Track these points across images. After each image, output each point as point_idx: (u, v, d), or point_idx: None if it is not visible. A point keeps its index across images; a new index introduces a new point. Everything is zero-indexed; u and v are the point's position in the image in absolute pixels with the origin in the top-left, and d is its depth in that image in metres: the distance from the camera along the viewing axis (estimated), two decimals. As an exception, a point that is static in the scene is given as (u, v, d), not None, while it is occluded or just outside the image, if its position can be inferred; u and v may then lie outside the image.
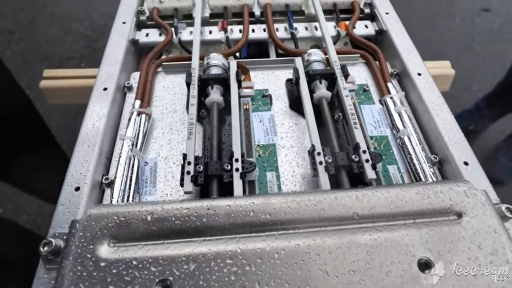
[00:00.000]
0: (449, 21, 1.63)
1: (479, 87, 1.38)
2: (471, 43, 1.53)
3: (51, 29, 1.54)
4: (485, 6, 1.69)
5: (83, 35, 1.54)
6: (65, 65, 1.42)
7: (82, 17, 1.61)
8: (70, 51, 1.48)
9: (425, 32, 1.56)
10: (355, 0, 0.45)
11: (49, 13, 1.62)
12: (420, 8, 1.65)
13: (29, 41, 1.50)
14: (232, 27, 0.43)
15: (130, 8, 0.43)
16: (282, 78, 0.38)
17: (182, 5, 0.43)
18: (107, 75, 0.36)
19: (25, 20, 1.58)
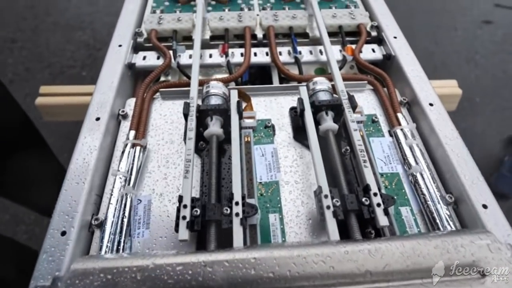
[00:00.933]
0: (451, 33, 1.62)
1: (482, 99, 1.36)
2: (473, 55, 1.51)
3: (54, 37, 1.54)
4: (486, 18, 1.68)
5: (85, 44, 1.53)
6: (66, 73, 1.41)
7: (84, 26, 1.60)
8: (71, 59, 1.47)
9: (427, 43, 1.55)
10: (361, 23, 0.43)
11: (52, 22, 1.61)
12: (422, 20, 1.64)
13: (31, 50, 1.49)
14: (233, 50, 0.41)
15: (127, 30, 0.41)
16: (285, 106, 0.36)
17: (182, 27, 0.41)
18: (100, 103, 0.33)
19: (28, 29, 1.58)
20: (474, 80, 1.43)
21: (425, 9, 1.69)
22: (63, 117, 0.63)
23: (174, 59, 0.39)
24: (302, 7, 0.46)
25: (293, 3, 0.47)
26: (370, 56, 0.41)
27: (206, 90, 0.33)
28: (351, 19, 0.43)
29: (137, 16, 0.44)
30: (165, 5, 0.46)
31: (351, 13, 0.43)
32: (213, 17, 0.42)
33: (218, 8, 0.46)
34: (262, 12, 0.43)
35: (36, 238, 0.97)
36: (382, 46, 0.42)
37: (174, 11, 0.45)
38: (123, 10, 0.44)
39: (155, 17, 0.42)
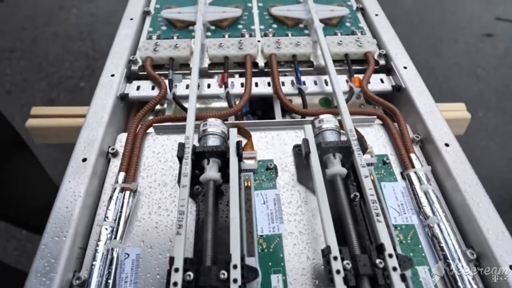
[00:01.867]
0: (452, 46, 1.61)
1: (484, 113, 1.34)
2: (475, 68, 1.50)
3: (53, 48, 1.52)
4: (487, 31, 1.67)
5: (84, 55, 1.51)
6: (64, 84, 1.39)
7: (84, 36, 1.59)
8: (70, 70, 1.45)
9: (428, 56, 1.53)
10: (368, 51, 0.40)
11: (51, 32, 1.60)
12: (423, 33, 1.63)
13: (29, 60, 1.47)
14: (233, 80, 0.38)
15: (120, 58, 0.38)
16: (288, 143, 0.33)
17: (179, 55, 0.39)
18: (88, 141, 0.31)
19: (27, 39, 1.56)
20: (476, 93, 1.41)
21: (425, 22, 1.69)
22: (55, 139, 0.60)
23: (170, 89, 0.36)
24: (306, 33, 0.44)
25: (296, 29, 0.44)
26: (379, 87, 0.38)
27: (203, 128, 0.30)
28: (358, 47, 0.40)
29: (132, 42, 0.41)
30: (162, 29, 0.44)
31: (358, 40, 0.41)
32: (212, 44, 0.40)
33: (218, 33, 0.44)
34: (264, 39, 0.41)
35: (27, 255, 0.94)
36: (391, 76, 0.40)
37: (171, 36, 0.42)
38: (118, 36, 0.41)
39: (151, 43, 0.40)
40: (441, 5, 1.81)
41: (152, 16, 0.46)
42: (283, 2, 0.48)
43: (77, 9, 1.75)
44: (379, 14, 0.45)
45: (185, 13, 0.43)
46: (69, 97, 1.36)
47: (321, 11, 0.44)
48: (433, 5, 1.80)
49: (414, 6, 1.79)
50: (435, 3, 1.81)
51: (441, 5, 1.81)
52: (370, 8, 0.46)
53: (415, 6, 1.79)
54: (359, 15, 0.47)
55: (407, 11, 1.75)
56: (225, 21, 0.44)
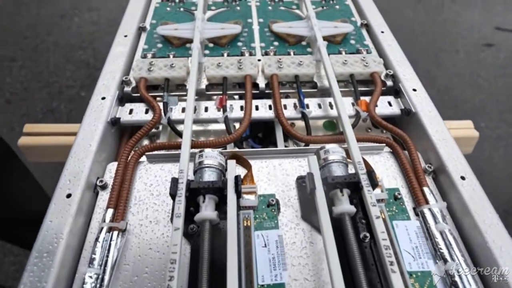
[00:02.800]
0: (453, 56, 1.59)
1: (487, 124, 1.32)
2: (476, 79, 1.48)
3: (54, 57, 1.51)
4: (488, 41, 1.66)
5: (85, 64, 1.50)
6: (65, 93, 1.37)
7: (85, 45, 1.57)
8: (71, 79, 1.43)
9: (429, 66, 1.52)
10: (375, 72, 0.38)
11: (53, 41, 1.59)
12: (424, 43, 1.62)
13: (30, 69, 1.46)
14: (232, 102, 0.36)
15: (112, 79, 0.36)
16: (292, 173, 0.31)
17: (175, 75, 0.36)
18: (73, 173, 0.28)
19: (28, 48, 1.55)
20: (478, 104, 1.39)
21: (426, 32, 1.67)
22: (48, 158, 0.58)
23: (164, 113, 0.34)
24: (308, 51, 0.41)
25: (298, 46, 0.42)
26: (387, 111, 0.36)
27: (199, 160, 0.28)
28: (364, 67, 0.38)
29: (125, 60, 0.38)
30: (158, 47, 0.41)
31: (364, 59, 0.38)
32: (210, 64, 0.37)
33: (216, 51, 0.41)
34: (264, 58, 0.39)
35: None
36: (399, 98, 0.37)
37: (167, 55, 0.40)
38: (110, 54, 0.39)
39: (146, 63, 0.37)
40: (441, 15, 1.80)
41: (147, 32, 0.43)
42: (284, 18, 0.46)
43: (78, 18, 1.74)
44: (385, 31, 0.43)
45: (182, 30, 0.41)
46: (70, 106, 1.34)
47: (325, 28, 0.41)
48: (433, 15, 1.79)
49: (415, 16, 1.78)
50: (436, 13, 1.80)
51: (441, 15, 1.80)
52: (375, 24, 0.44)
53: (415, 16, 1.78)
54: (364, 31, 0.44)
55: (408, 21, 1.74)
56: (224, 38, 0.41)
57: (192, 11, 0.46)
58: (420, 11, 1.83)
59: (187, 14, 0.46)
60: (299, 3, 0.49)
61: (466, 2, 1.90)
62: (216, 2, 0.48)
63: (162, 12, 0.46)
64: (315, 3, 0.48)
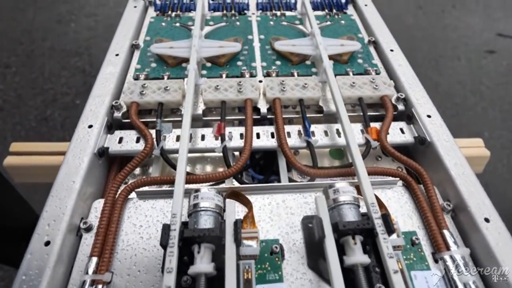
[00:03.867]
0: (454, 62, 1.57)
1: (490, 134, 1.30)
2: (478, 86, 1.46)
3: (49, 63, 1.48)
4: (489, 48, 1.64)
5: (81, 71, 1.47)
6: (60, 101, 1.34)
7: (81, 51, 1.55)
8: (65, 86, 1.41)
9: (431, 73, 1.50)
10: (385, 95, 0.35)
11: (48, 47, 1.56)
12: (425, 50, 1.60)
13: (24, 75, 1.43)
14: (232, 129, 0.33)
15: (101, 104, 0.33)
16: (297, 212, 0.28)
17: (169, 99, 0.33)
18: (54, 216, 0.25)
19: (23, 54, 1.52)
20: (481, 112, 1.37)
21: (427, 38, 1.66)
22: (36, 178, 0.55)
23: (157, 143, 0.31)
24: (313, 71, 0.39)
25: (302, 66, 0.39)
26: (399, 139, 0.33)
27: (194, 202, 0.25)
28: (373, 90, 0.35)
29: (116, 82, 0.36)
30: (152, 67, 0.38)
31: (373, 81, 0.36)
32: (208, 86, 0.34)
33: (215, 70, 0.38)
34: (266, 80, 0.36)
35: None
36: (412, 124, 0.34)
37: (161, 75, 0.37)
38: (100, 75, 0.36)
39: (138, 85, 0.34)
40: (442, 21, 1.79)
41: (141, 50, 0.40)
42: (287, 34, 0.43)
43: (75, 23, 1.72)
44: (394, 49, 0.40)
45: (178, 49, 0.38)
46: (64, 114, 1.32)
47: (330, 47, 0.39)
48: (434, 21, 1.78)
49: (415, 22, 1.77)
50: (436, 20, 1.79)
51: (442, 21, 1.79)
52: (384, 42, 0.42)
53: (416, 22, 1.77)
54: (372, 49, 0.42)
55: (408, 27, 1.72)
56: (222, 57, 0.39)
57: (189, 26, 0.44)
58: (420, 17, 1.82)
59: (183, 30, 0.44)
60: (302, 18, 0.46)
61: (467, 8, 1.89)
62: (215, 17, 0.46)
63: (157, 27, 0.44)
64: (319, 17, 0.46)
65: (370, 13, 0.45)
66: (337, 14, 0.46)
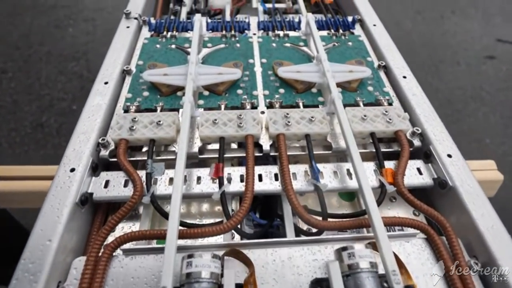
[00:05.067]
0: (454, 68, 1.54)
1: (492, 140, 1.27)
2: (479, 92, 1.43)
3: (46, 68, 1.44)
4: (489, 53, 1.62)
5: (78, 76, 1.43)
6: (56, 106, 1.30)
7: (78, 56, 1.51)
8: (62, 92, 1.37)
9: (431, 79, 1.47)
10: (400, 130, 0.31)
11: (46, 52, 1.52)
12: (424, 55, 1.57)
13: (21, 81, 1.39)
14: (231, 171, 0.29)
15: (86, 142, 0.29)
16: (304, 272, 0.24)
17: (162, 136, 0.30)
18: (24, 283, 0.22)
19: (20, 59, 1.48)
20: (481, 118, 1.34)
21: (426, 43, 1.63)
22: (23, 204, 0.51)
23: (147, 187, 0.27)
24: (320, 101, 0.35)
25: (308, 95, 0.35)
26: (416, 181, 0.29)
27: (187, 271, 0.21)
28: (387, 123, 0.31)
29: (103, 115, 0.31)
30: (144, 96, 0.34)
31: (386, 114, 0.32)
32: (205, 120, 0.31)
33: (213, 100, 0.34)
34: (269, 112, 0.32)
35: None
36: (430, 164, 0.31)
37: (154, 106, 0.33)
38: (86, 108, 0.32)
39: (127, 119, 0.30)
40: (441, 26, 1.76)
41: (133, 75, 0.37)
42: (291, 57, 0.39)
43: (73, 28, 1.67)
44: (407, 75, 0.37)
45: (172, 76, 0.34)
46: (60, 120, 1.28)
47: (338, 73, 0.35)
48: (433, 26, 1.74)
49: (414, 27, 1.73)
50: (435, 25, 1.76)
51: (441, 26, 1.76)
52: (395, 67, 0.38)
53: (415, 27, 1.73)
54: (382, 74, 0.38)
55: (407, 32, 1.69)
56: (221, 85, 0.35)
57: (186, 49, 0.40)
58: (419, 22, 1.79)
59: (179, 53, 0.40)
60: (306, 38, 0.42)
61: (466, 13, 1.86)
62: (213, 38, 0.42)
63: (150, 50, 0.40)
64: (325, 38, 0.42)
65: (379, 34, 0.42)
66: (344, 35, 0.43)
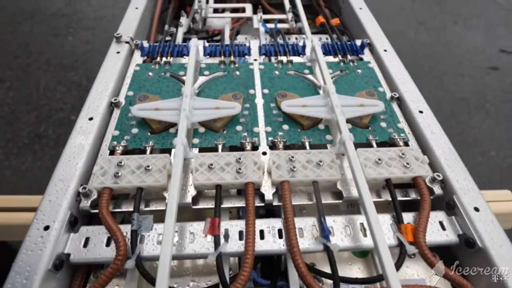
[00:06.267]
0: (458, 79, 1.51)
1: (497, 153, 1.23)
2: (483, 103, 1.40)
3: (44, 77, 1.41)
4: (493, 64, 1.59)
5: (77, 85, 1.40)
6: (54, 117, 1.28)
7: (78, 66, 1.48)
8: (61, 102, 1.34)
9: (434, 90, 1.44)
10: (419, 176, 0.28)
11: (45, 61, 1.50)
12: (427, 66, 1.55)
13: (19, 90, 1.36)
14: (228, 224, 0.26)
15: (63, 193, 0.25)
16: None
17: (150, 184, 0.26)
18: None
19: (19, 68, 1.46)
20: (486, 131, 1.31)
21: (429, 54, 1.60)
22: (5, 237, 0.48)
23: (132, 249, 0.24)
24: (328, 140, 0.31)
25: (314, 132, 0.31)
26: (439, 238, 0.25)
27: None
28: (404, 168, 0.28)
29: (86, 158, 0.28)
30: (132, 133, 0.30)
31: (403, 156, 0.28)
32: (200, 164, 0.27)
33: (209, 138, 0.31)
34: (272, 154, 0.28)
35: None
36: (453, 216, 0.27)
37: (143, 146, 0.30)
38: (66, 150, 0.28)
39: (112, 164, 0.27)
40: (444, 36, 1.74)
41: (121, 108, 0.33)
42: (295, 87, 0.35)
43: (72, 37, 1.65)
44: (424, 110, 0.33)
45: (164, 112, 0.31)
46: (58, 131, 1.25)
47: (348, 108, 0.31)
48: (435, 37, 1.72)
49: (417, 38, 1.71)
50: (438, 36, 1.73)
51: (444, 36, 1.74)
52: (410, 99, 0.34)
53: (417, 38, 1.71)
54: (395, 107, 0.35)
55: (410, 43, 1.67)
56: (219, 121, 0.31)
57: (180, 77, 0.36)
58: (422, 33, 1.76)
59: (173, 82, 0.36)
60: (311, 65, 0.39)
61: (469, 24, 1.84)
62: (211, 64, 0.38)
63: (142, 78, 0.36)
64: (331, 64, 0.39)
65: (390, 61, 0.38)
66: (353, 61, 0.39)
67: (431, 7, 2.04)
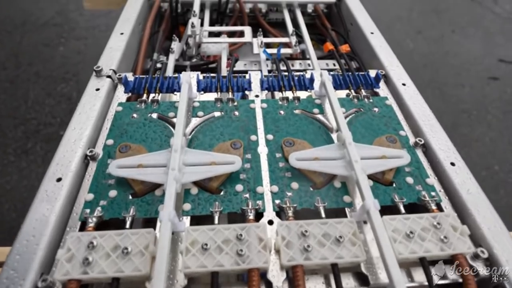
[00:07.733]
0: (458, 90, 1.48)
1: (500, 167, 1.20)
2: (485, 115, 1.37)
3: (33, 90, 1.35)
4: (492, 74, 1.56)
5: (67, 98, 1.34)
6: (42, 132, 1.21)
7: (68, 77, 1.43)
8: (50, 115, 1.28)
9: (435, 101, 1.40)
10: (460, 254, 0.23)
11: (34, 73, 1.43)
12: (427, 76, 1.52)
13: (5, 103, 1.30)
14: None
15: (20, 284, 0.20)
16: None
17: (129, 274, 0.20)
18: None
19: (6, 80, 1.39)
20: (489, 144, 1.27)
21: (428, 64, 1.57)
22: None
23: None
24: (346, 202, 0.25)
25: (330, 192, 0.26)
26: None
27: None
28: (441, 243, 0.23)
29: (49, 237, 0.22)
30: (110, 197, 0.25)
31: (437, 226, 0.23)
32: (191, 243, 0.22)
33: (203, 204, 0.25)
34: (280, 226, 0.22)
35: None
36: (504, 305, 0.22)
37: (122, 216, 0.24)
38: (25, 224, 0.23)
39: (82, 244, 0.21)
40: (443, 46, 1.71)
41: (98, 161, 0.28)
42: (303, 130, 0.30)
43: (64, 47, 1.60)
44: (456, 162, 0.28)
45: (149, 169, 0.25)
46: (46, 148, 1.18)
47: (369, 162, 0.26)
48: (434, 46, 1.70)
49: (415, 47, 1.68)
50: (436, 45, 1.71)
51: (443, 46, 1.71)
52: (438, 147, 0.29)
53: (416, 47, 1.68)
54: (421, 155, 0.30)
55: (408, 52, 1.64)
56: (215, 180, 0.26)
57: (170, 119, 0.31)
58: (420, 42, 1.74)
59: (161, 126, 0.31)
60: (321, 103, 0.34)
61: (466, 33, 1.82)
62: (205, 103, 0.32)
63: (124, 121, 0.30)
64: (344, 101, 0.34)
65: (411, 98, 0.33)
66: (368, 97, 0.34)
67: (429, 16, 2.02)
